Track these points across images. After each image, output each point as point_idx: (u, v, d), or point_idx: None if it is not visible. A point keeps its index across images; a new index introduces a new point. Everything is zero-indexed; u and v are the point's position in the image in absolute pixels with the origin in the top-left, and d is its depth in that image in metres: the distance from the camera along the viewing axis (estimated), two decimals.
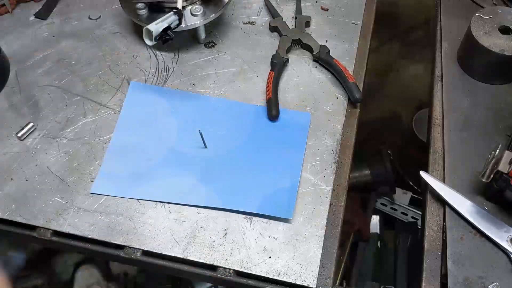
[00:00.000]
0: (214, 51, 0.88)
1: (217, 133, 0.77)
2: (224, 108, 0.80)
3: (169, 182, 0.72)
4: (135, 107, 0.80)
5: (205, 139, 0.74)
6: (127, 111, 0.80)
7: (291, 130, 0.77)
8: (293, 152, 0.74)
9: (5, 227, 0.70)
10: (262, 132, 0.77)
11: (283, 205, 0.69)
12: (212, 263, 0.65)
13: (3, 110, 0.80)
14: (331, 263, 0.65)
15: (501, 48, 0.76)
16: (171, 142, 0.76)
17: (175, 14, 0.76)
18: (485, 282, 0.61)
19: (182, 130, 0.77)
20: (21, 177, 0.73)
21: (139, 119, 0.79)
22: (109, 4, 0.95)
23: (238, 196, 0.70)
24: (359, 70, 0.85)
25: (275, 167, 0.73)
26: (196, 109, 0.80)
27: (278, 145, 0.75)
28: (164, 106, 0.80)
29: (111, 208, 0.70)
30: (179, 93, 0.82)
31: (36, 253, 1.33)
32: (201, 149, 0.75)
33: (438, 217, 0.68)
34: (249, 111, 0.80)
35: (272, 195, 0.70)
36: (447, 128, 0.76)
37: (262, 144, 0.76)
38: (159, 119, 0.79)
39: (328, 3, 0.95)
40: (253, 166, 0.73)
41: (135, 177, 0.72)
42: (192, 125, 0.77)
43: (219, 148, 0.75)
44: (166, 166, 0.74)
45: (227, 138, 0.77)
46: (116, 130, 0.78)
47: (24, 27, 0.92)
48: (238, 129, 0.77)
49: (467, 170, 0.71)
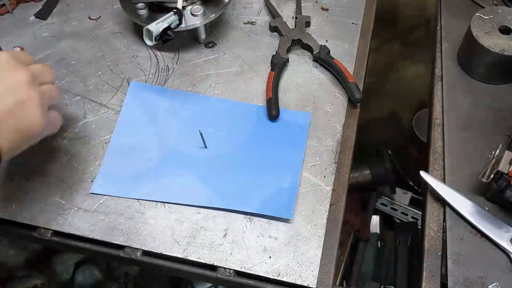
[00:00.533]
0: (214, 51, 0.88)
1: (218, 133, 0.77)
2: (224, 108, 0.80)
3: (169, 182, 0.72)
4: (135, 107, 0.80)
5: (205, 139, 0.74)
6: (127, 111, 0.79)
7: (291, 130, 0.77)
8: (293, 152, 0.74)
9: (5, 227, 0.70)
10: (262, 132, 0.77)
11: (283, 205, 0.68)
12: (212, 263, 0.65)
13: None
14: (331, 263, 0.65)
15: (501, 48, 0.76)
16: (171, 142, 0.76)
17: (175, 14, 0.76)
18: (485, 282, 0.61)
19: (182, 130, 0.77)
20: (21, 177, 0.73)
21: (139, 119, 0.79)
22: (109, 4, 0.95)
23: (238, 196, 0.70)
24: (359, 70, 0.85)
25: (275, 167, 0.73)
26: (196, 109, 0.80)
27: (278, 145, 0.75)
28: (164, 106, 0.80)
29: (111, 208, 0.70)
30: (179, 93, 0.82)
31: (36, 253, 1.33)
32: (201, 149, 0.75)
33: (438, 217, 0.68)
34: (249, 111, 0.80)
35: (272, 195, 0.70)
36: (447, 128, 0.76)
37: (262, 144, 0.76)
38: (159, 119, 0.79)
39: (328, 3, 0.95)
40: (253, 166, 0.73)
41: (135, 177, 0.72)
42: (192, 125, 0.77)
43: (219, 148, 0.75)
44: (166, 166, 0.74)
45: (227, 138, 0.77)
46: (116, 130, 0.77)
47: (24, 27, 0.92)
48: (238, 129, 0.77)
49: (467, 170, 0.71)
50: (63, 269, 1.32)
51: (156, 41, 0.75)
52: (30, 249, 1.33)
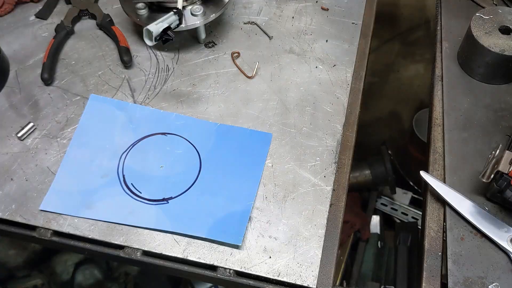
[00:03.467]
0: (214, 51, 0.88)
1: (174, 152, 0.74)
2: (183, 126, 0.77)
3: (120, 201, 0.69)
4: (93, 121, 0.77)
5: (162, 158, 0.73)
6: (84, 124, 0.77)
7: (250, 152, 0.74)
8: (250, 175, 0.72)
9: (5, 227, 0.70)
10: (220, 153, 0.74)
11: (233, 231, 0.66)
12: (212, 263, 0.65)
13: (3, 110, 0.80)
14: (331, 263, 0.65)
15: (501, 48, 0.76)
16: (127, 159, 0.73)
17: (175, 14, 0.76)
18: (485, 282, 0.61)
19: (138, 148, 0.75)
20: (21, 177, 0.73)
21: (96, 134, 0.76)
22: (109, 4, 0.95)
23: (188, 219, 0.67)
24: (359, 70, 0.85)
25: (229, 190, 0.70)
26: (155, 126, 0.77)
27: (234, 167, 0.73)
28: (123, 121, 0.78)
29: None
30: (139, 108, 0.79)
31: (36, 253, 1.33)
32: (157, 169, 0.73)
33: (438, 217, 0.68)
34: (210, 129, 0.77)
35: (223, 219, 0.67)
36: (447, 128, 0.76)
37: (218, 166, 0.73)
38: (116, 134, 0.76)
39: (328, 3, 0.95)
40: (207, 189, 0.71)
41: (86, 195, 0.70)
42: (150, 142, 0.75)
43: (175, 168, 0.73)
44: (119, 184, 0.71)
45: (183, 157, 0.74)
46: (71, 143, 0.75)
47: (24, 27, 0.92)
48: (194, 149, 0.75)
49: (467, 170, 0.71)
50: (63, 269, 1.32)
51: (156, 41, 0.75)
52: (30, 249, 1.33)
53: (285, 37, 0.90)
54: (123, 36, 0.87)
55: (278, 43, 0.89)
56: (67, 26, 0.89)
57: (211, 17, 0.83)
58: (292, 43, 0.89)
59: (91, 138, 0.76)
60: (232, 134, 0.77)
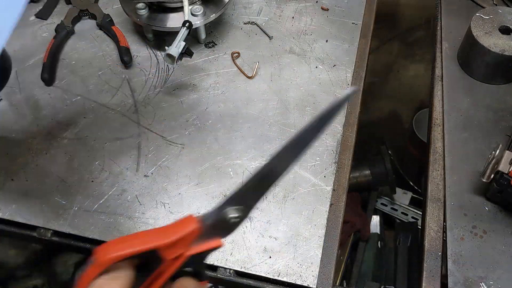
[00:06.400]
0: (214, 51, 0.88)
1: None
2: None
3: None
4: None
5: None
6: None
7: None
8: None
9: (5, 227, 0.70)
10: None
11: None
12: (212, 263, 0.65)
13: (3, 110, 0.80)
14: (331, 263, 0.65)
15: (501, 48, 0.76)
16: None
17: (186, 28, 0.77)
18: (485, 282, 0.61)
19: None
20: (21, 177, 0.73)
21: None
22: (109, 4, 0.95)
23: None
24: (359, 70, 0.85)
25: None
26: None
27: None
28: None
29: (111, 208, 0.70)
30: None
31: (36, 253, 1.33)
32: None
33: (438, 217, 0.68)
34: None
35: None
36: (447, 128, 0.76)
37: None
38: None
39: (328, 3, 0.95)
40: None
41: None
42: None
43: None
44: None
45: None
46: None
47: (24, 27, 0.91)
48: None
49: (467, 170, 0.71)
50: (63, 269, 1.32)
51: (178, 61, 0.76)
52: (30, 249, 1.33)
53: (285, 37, 0.90)
54: (123, 36, 0.87)
55: (278, 43, 0.89)
56: (67, 26, 0.89)
57: (211, 17, 0.83)
58: (292, 43, 0.89)
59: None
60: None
